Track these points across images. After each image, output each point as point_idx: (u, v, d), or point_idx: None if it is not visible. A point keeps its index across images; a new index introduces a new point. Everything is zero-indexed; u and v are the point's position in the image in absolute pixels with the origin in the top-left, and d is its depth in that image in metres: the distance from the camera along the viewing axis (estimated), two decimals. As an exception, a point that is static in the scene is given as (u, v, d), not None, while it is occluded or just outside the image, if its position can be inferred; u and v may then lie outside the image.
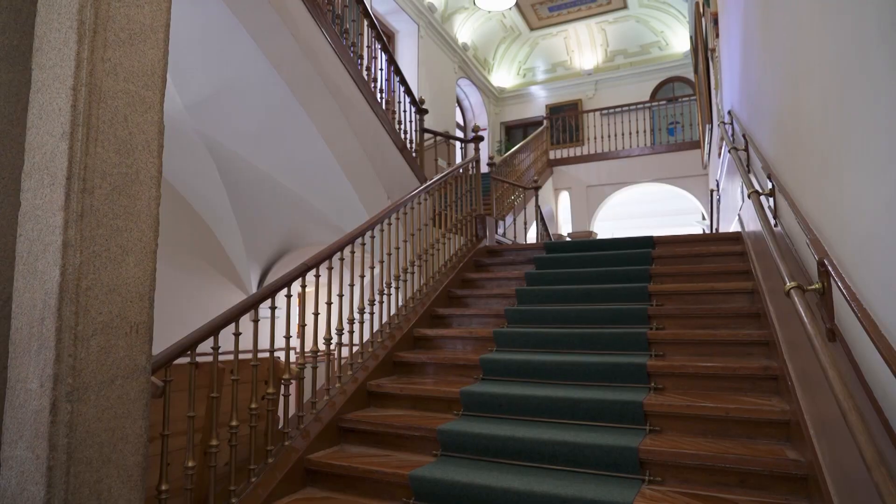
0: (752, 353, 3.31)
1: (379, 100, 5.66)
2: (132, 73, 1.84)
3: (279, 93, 4.72)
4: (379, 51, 5.96)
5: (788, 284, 1.68)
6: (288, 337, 3.17)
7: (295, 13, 4.48)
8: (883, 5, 1.23)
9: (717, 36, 5.88)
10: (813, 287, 1.69)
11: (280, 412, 3.16)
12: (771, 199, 2.83)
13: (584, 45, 13.70)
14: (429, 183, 5.13)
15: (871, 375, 1.48)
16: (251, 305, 2.92)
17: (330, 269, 3.64)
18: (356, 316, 3.84)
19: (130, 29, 1.85)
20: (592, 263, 5.00)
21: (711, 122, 7.57)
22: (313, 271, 3.45)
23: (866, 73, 1.39)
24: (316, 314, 3.46)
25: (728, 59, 5.01)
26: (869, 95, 1.39)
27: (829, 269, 1.62)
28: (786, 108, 2.56)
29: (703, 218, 11.82)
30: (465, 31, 12.64)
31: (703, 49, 7.62)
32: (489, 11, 11.92)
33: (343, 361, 3.66)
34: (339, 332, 3.64)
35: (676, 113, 12.21)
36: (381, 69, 5.96)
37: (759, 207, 2.59)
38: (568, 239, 11.27)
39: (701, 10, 7.12)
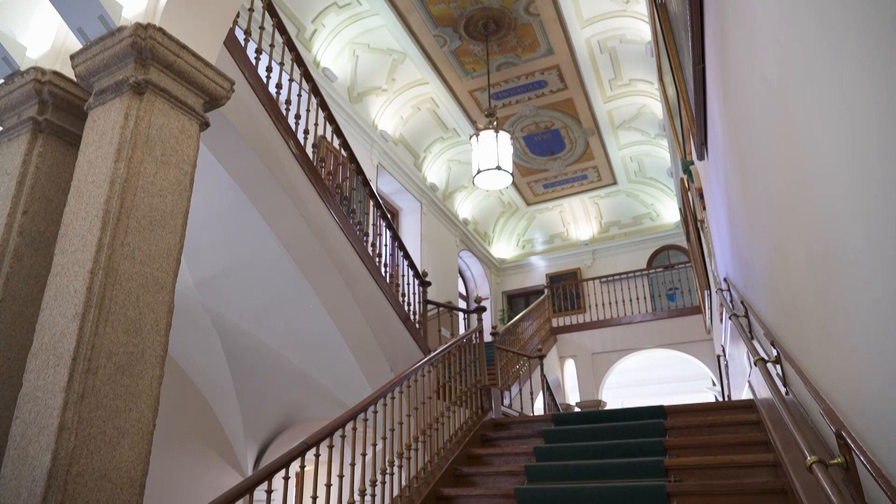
0: (784, 535, 3.06)
1: (383, 274, 5.84)
2: (149, 255, 1.93)
3: (287, 269, 4.88)
4: (384, 227, 6.27)
5: (809, 459, 1.60)
6: (283, 524, 2.96)
7: (305, 196, 4.79)
8: (854, 185, 1.32)
9: (704, 208, 6.18)
10: (835, 461, 1.62)
11: None
12: (778, 366, 2.79)
13: (579, 218, 14.43)
14: (432, 354, 5.11)
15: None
16: (246, 490, 2.76)
17: (331, 446, 3.50)
18: (357, 499, 3.61)
19: (152, 216, 1.97)
20: (604, 436, 4.80)
21: (709, 288, 7.70)
22: (313, 450, 3.31)
23: (845, 249, 1.45)
24: (314, 497, 3.26)
25: (717, 228, 5.24)
26: (852, 268, 1.44)
27: (849, 441, 1.56)
28: (777, 275, 2.63)
29: (714, 384, 11.55)
30: (465, 207, 13.41)
31: (692, 220, 7.99)
32: (487, 191, 12.72)
33: (341, 551, 3.38)
34: (338, 517, 3.40)
35: (675, 279, 12.48)
36: (386, 245, 6.23)
37: (767, 376, 2.55)
38: (576, 409, 10.94)
39: (686, 185, 7.59)
